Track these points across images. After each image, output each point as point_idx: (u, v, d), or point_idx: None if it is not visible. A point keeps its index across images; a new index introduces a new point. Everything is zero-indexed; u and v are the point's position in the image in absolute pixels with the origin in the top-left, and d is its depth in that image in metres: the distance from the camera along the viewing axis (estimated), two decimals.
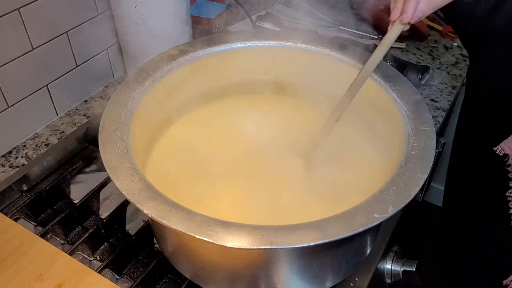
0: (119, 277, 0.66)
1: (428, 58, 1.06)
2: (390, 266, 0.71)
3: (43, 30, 0.82)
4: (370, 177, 0.66)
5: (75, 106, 0.94)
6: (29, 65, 0.82)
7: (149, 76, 0.68)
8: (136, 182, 0.52)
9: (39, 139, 0.87)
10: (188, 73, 0.73)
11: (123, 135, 0.58)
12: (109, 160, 0.55)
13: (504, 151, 0.61)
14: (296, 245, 0.46)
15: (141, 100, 0.66)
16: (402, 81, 0.66)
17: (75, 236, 0.72)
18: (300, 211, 0.64)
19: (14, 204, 0.76)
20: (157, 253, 0.68)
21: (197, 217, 0.48)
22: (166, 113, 0.73)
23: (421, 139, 0.58)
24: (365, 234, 0.60)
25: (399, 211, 0.49)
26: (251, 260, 0.55)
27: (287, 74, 0.78)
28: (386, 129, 0.67)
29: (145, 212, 0.49)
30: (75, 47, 0.89)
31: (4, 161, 0.82)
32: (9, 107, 0.81)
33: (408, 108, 0.62)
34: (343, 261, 0.60)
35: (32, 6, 0.78)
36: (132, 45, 0.91)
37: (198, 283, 0.62)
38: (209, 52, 0.74)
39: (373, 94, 0.68)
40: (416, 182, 0.52)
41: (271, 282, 0.57)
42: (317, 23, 1.15)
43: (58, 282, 0.58)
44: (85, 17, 0.89)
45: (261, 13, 1.11)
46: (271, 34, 0.77)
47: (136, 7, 0.84)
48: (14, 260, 0.60)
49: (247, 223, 0.48)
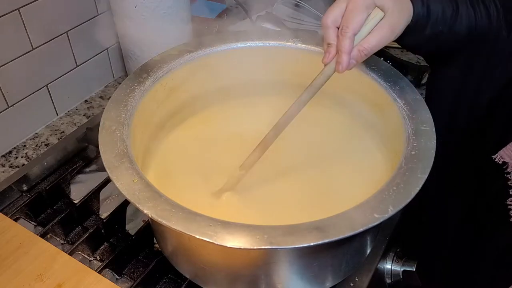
0: (119, 277, 0.66)
1: None
2: (390, 266, 0.71)
3: (43, 30, 0.82)
4: (370, 177, 0.66)
5: (75, 106, 0.94)
6: (29, 65, 0.82)
7: (149, 76, 0.68)
8: (136, 182, 0.52)
9: (39, 139, 0.87)
10: (188, 73, 0.73)
11: (123, 135, 0.58)
12: (109, 160, 0.55)
13: (503, 159, 0.61)
14: (296, 245, 0.46)
15: (141, 100, 0.66)
16: (402, 81, 0.66)
17: (75, 236, 0.72)
18: (300, 211, 0.64)
19: (14, 204, 0.76)
20: (157, 253, 0.68)
21: (197, 217, 0.48)
22: (166, 113, 0.73)
23: (421, 139, 0.58)
24: (365, 234, 0.60)
25: (399, 211, 0.49)
26: (251, 260, 0.55)
27: (287, 74, 0.78)
28: (386, 129, 0.67)
29: (145, 212, 0.49)
30: (75, 47, 0.89)
31: (4, 161, 0.82)
32: (9, 107, 0.81)
33: (408, 108, 0.62)
34: (343, 261, 0.60)
35: (32, 6, 0.78)
36: (132, 45, 0.91)
37: (198, 283, 0.62)
38: (209, 52, 0.74)
39: (373, 94, 0.68)
40: (416, 182, 0.52)
41: (271, 282, 0.57)
42: (317, 23, 1.15)
43: (58, 282, 0.58)
44: (85, 17, 0.89)
45: (261, 13, 1.11)
46: (271, 34, 0.77)
47: (136, 7, 0.84)
48: (14, 260, 0.60)
49: (247, 223, 0.48)
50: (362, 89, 0.70)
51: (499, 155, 0.62)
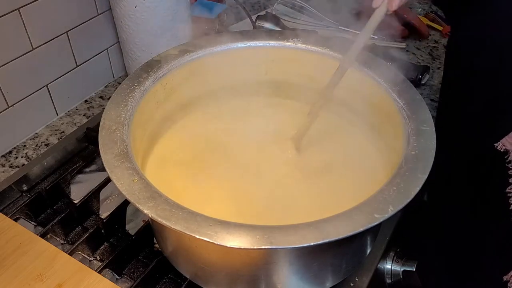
0: (119, 277, 0.66)
1: (428, 58, 1.06)
2: (390, 266, 0.71)
3: (43, 30, 0.82)
4: (370, 177, 0.66)
5: (75, 106, 0.94)
6: (29, 65, 0.82)
7: (149, 76, 0.68)
8: (136, 182, 0.52)
9: (39, 139, 0.87)
10: (188, 73, 0.73)
11: (123, 135, 0.58)
12: (109, 160, 0.55)
13: (505, 147, 0.61)
14: (296, 245, 0.46)
15: (141, 100, 0.66)
16: (402, 81, 0.66)
17: (75, 236, 0.72)
18: (300, 211, 0.64)
19: (14, 204, 0.75)
20: (157, 253, 0.68)
21: (197, 217, 0.48)
22: (166, 113, 0.73)
23: (421, 139, 0.58)
24: (365, 234, 0.60)
25: (399, 211, 0.49)
26: (251, 260, 0.55)
27: (287, 74, 0.78)
28: (386, 129, 0.67)
29: (145, 212, 0.49)
30: (75, 47, 0.89)
31: (4, 161, 0.82)
32: (9, 107, 0.81)
33: (408, 108, 0.62)
34: (343, 261, 0.60)
35: (32, 6, 0.78)
36: (132, 45, 0.91)
37: (198, 283, 0.62)
38: (209, 52, 0.74)
39: (373, 94, 0.68)
40: (417, 182, 0.52)
41: (271, 282, 0.57)
42: (317, 23, 1.15)
43: (58, 282, 0.58)
44: (85, 17, 0.89)
45: (261, 13, 1.11)
46: (271, 34, 0.77)
47: (136, 7, 0.84)
48: (14, 260, 0.60)
49: (247, 223, 0.48)
50: (362, 89, 0.70)
51: (501, 143, 0.61)
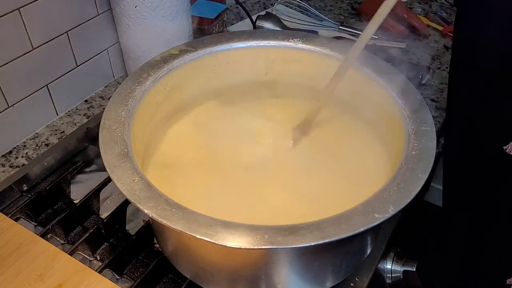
0: (119, 277, 0.66)
1: (428, 58, 1.06)
2: (390, 266, 0.71)
3: (43, 30, 0.82)
4: (370, 177, 0.66)
5: (75, 106, 0.94)
6: (29, 65, 0.81)
7: (149, 76, 0.68)
8: (136, 182, 0.52)
9: (39, 139, 0.87)
10: (188, 73, 0.73)
11: (123, 135, 0.58)
12: (109, 160, 0.55)
13: None
14: (296, 245, 0.46)
15: (141, 100, 0.66)
16: (402, 81, 0.66)
17: (75, 236, 0.72)
18: (300, 211, 0.64)
19: (14, 204, 0.75)
20: (157, 253, 0.68)
21: (198, 217, 0.48)
22: (166, 113, 0.73)
23: (422, 139, 0.58)
24: (365, 234, 0.60)
25: (399, 211, 0.49)
26: (252, 260, 0.55)
27: (287, 74, 0.78)
28: (386, 129, 0.67)
29: (145, 212, 0.49)
30: (75, 47, 0.89)
31: (4, 161, 0.82)
32: (9, 107, 0.81)
33: (408, 108, 0.62)
34: (343, 261, 0.60)
35: (32, 6, 0.78)
36: (132, 45, 0.91)
37: (198, 283, 0.62)
38: (209, 52, 0.74)
39: (373, 94, 0.68)
40: (417, 182, 0.52)
41: (271, 282, 0.57)
42: (317, 23, 1.15)
43: (58, 282, 0.58)
44: (85, 17, 0.89)
45: (261, 13, 1.11)
46: (271, 34, 0.77)
47: (136, 7, 0.84)
48: (14, 260, 0.60)
49: (248, 223, 0.48)
50: (363, 89, 0.70)
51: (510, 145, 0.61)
